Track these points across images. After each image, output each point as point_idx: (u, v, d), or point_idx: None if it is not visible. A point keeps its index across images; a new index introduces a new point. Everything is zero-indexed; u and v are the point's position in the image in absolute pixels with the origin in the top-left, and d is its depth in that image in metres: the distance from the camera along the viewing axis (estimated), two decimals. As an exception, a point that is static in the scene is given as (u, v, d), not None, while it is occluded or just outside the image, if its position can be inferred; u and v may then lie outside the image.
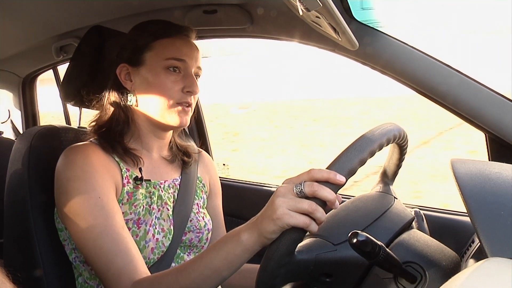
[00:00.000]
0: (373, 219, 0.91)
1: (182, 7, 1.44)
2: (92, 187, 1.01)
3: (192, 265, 0.89)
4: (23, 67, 2.18)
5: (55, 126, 1.23)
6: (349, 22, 1.24)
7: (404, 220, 0.93)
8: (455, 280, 0.56)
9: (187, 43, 1.15)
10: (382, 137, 0.83)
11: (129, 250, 0.98)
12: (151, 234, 1.07)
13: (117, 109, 1.14)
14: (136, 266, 0.97)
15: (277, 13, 1.34)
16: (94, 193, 1.01)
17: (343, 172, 0.77)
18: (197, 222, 1.20)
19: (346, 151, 0.79)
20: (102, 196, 1.01)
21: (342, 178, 0.76)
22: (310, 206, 0.76)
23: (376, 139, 0.82)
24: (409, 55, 1.23)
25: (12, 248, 1.18)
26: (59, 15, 1.57)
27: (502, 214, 0.68)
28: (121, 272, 0.96)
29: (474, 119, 1.20)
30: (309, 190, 0.76)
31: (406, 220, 0.94)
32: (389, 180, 1.08)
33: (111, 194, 1.04)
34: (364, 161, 0.79)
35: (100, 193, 1.01)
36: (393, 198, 1.00)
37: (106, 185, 1.04)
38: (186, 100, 1.12)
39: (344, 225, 0.91)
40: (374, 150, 0.81)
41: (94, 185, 1.01)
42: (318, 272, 0.84)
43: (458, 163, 0.82)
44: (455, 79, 1.20)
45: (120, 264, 0.96)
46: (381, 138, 0.82)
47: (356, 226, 0.87)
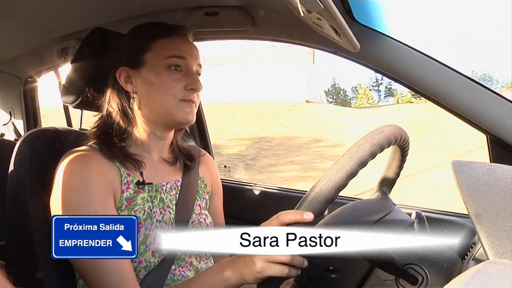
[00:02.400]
0: (376, 219, 0.91)
1: (183, 9, 1.44)
2: (89, 201, 1.01)
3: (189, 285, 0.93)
4: (25, 69, 2.18)
5: (56, 128, 1.23)
6: (350, 24, 1.24)
7: (404, 224, 0.94)
8: (457, 282, 0.56)
9: (185, 41, 1.16)
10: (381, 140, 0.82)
11: (121, 268, 1.00)
12: (151, 238, 1.07)
13: (118, 113, 1.14)
14: (128, 285, 1.00)
15: (278, 15, 1.34)
16: (91, 207, 1.01)
17: (312, 209, 0.78)
18: (199, 223, 1.19)
19: (315, 186, 0.80)
20: (98, 210, 1.01)
21: (309, 215, 0.79)
22: (286, 257, 0.80)
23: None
24: (410, 57, 1.23)
25: (13, 250, 1.18)
26: (61, 17, 1.58)
27: (504, 216, 0.68)
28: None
29: (476, 120, 1.20)
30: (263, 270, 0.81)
31: (407, 223, 0.94)
32: (387, 189, 1.09)
33: (108, 206, 1.04)
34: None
35: (97, 207, 1.02)
36: (393, 204, 1.00)
37: (104, 197, 1.04)
38: (190, 97, 1.12)
39: (350, 220, 0.91)
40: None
41: (91, 198, 1.02)
42: (324, 267, 0.84)
43: (460, 165, 0.82)
44: (457, 81, 1.20)
45: (113, 283, 0.98)
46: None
47: (361, 224, 0.88)
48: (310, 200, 0.79)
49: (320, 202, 0.78)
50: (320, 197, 0.78)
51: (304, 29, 1.26)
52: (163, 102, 1.11)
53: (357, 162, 0.78)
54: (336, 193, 0.78)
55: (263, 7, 1.35)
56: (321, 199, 0.78)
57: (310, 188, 0.81)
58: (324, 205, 0.78)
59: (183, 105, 1.12)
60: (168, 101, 1.10)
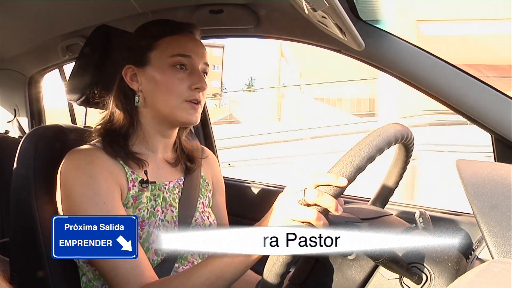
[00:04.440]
0: (383, 214, 0.93)
1: (188, 6, 1.44)
2: (97, 193, 1.01)
3: (198, 270, 0.90)
4: (29, 66, 2.18)
5: (61, 125, 1.23)
6: (355, 22, 1.24)
7: (406, 224, 0.94)
8: (461, 281, 0.56)
9: (191, 39, 1.15)
10: (389, 136, 0.83)
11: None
12: (154, 235, 1.07)
13: (122, 111, 1.14)
14: (143, 270, 0.98)
15: (282, 13, 1.34)
16: (100, 199, 1.00)
17: (345, 174, 0.77)
18: (202, 221, 1.20)
19: (348, 153, 0.79)
20: (107, 201, 1.01)
21: (343, 180, 0.76)
22: (312, 215, 0.76)
23: (384, 137, 0.82)
24: (415, 56, 1.23)
25: (17, 247, 1.18)
26: (66, 14, 1.58)
27: (509, 215, 0.68)
28: (128, 277, 0.96)
29: (480, 119, 1.20)
30: (310, 198, 0.76)
31: (408, 225, 0.94)
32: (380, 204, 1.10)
33: (116, 199, 1.03)
34: (372, 158, 0.79)
35: (105, 198, 1.01)
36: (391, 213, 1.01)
37: (111, 190, 1.03)
38: (195, 97, 1.11)
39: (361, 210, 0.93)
40: (382, 147, 0.80)
41: (99, 191, 1.01)
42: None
43: (464, 165, 0.81)
44: (461, 79, 1.20)
45: (127, 269, 0.97)
46: (388, 137, 0.82)
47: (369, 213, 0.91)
48: (344, 166, 0.77)
49: (352, 169, 0.77)
50: (353, 164, 0.77)
51: (308, 27, 1.25)
52: (167, 101, 1.10)
53: (384, 139, 0.81)
54: (366, 164, 0.78)
55: (267, 5, 1.35)
56: (353, 166, 0.77)
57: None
58: (354, 173, 0.77)
59: (187, 105, 1.11)
60: (172, 100, 1.10)
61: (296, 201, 0.77)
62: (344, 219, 0.84)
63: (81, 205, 1.00)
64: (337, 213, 0.77)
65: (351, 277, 0.84)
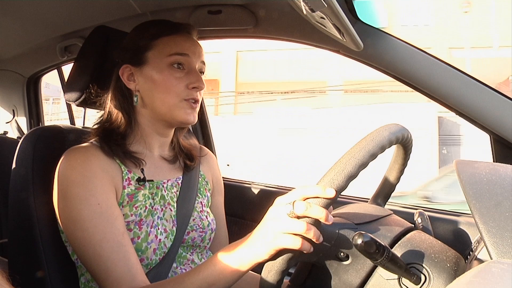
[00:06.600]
0: (379, 216, 0.92)
1: (186, 7, 1.44)
2: (92, 193, 1.00)
3: (190, 277, 0.89)
4: (28, 67, 2.19)
5: (59, 126, 1.23)
6: (353, 23, 1.24)
7: (405, 225, 0.94)
8: (460, 281, 0.56)
9: (188, 39, 1.16)
10: (382, 141, 0.82)
11: (128, 258, 0.98)
12: (153, 235, 1.07)
13: (120, 111, 1.14)
14: (135, 274, 0.98)
15: (281, 14, 1.34)
16: (94, 200, 1.00)
17: (336, 183, 0.76)
18: (200, 221, 1.20)
19: (340, 160, 0.79)
20: (101, 202, 1.01)
21: (330, 192, 0.76)
22: (301, 227, 0.76)
23: (377, 142, 0.81)
24: (413, 56, 1.23)
25: (16, 247, 1.18)
26: (64, 15, 1.58)
27: (507, 215, 0.68)
28: (120, 281, 0.96)
29: (478, 120, 1.20)
30: (299, 211, 0.76)
31: (407, 225, 0.94)
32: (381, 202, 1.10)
33: (111, 199, 1.03)
34: (365, 164, 0.79)
35: (99, 199, 1.01)
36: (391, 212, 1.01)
37: (106, 190, 1.03)
38: (192, 96, 1.12)
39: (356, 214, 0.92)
40: (376, 153, 0.80)
41: (94, 191, 1.01)
42: (335, 252, 0.84)
43: (463, 165, 0.81)
44: (459, 80, 1.20)
45: (119, 273, 0.96)
46: (381, 141, 0.82)
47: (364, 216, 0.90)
48: (335, 174, 0.76)
49: (344, 177, 0.76)
50: (345, 171, 0.76)
51: (306, 27, 1.26)
52: (164, 100, 1.11)
53: (377, 144, 0.80)
54: (358, 171, 0.77)
55: (266, 5, 1.35)
56: (344, 174, 0.76)
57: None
58: (346, 181, 0.77)
59: (185, 105, 1.11)
60: (169, 99, 1.10)
61: (285, 214, 0.78)
62: (337, 227, 0.84)
63: (75, 206, 1.00)
64: (328, 223, 0.77)
65: (347, 281, 0.84)
